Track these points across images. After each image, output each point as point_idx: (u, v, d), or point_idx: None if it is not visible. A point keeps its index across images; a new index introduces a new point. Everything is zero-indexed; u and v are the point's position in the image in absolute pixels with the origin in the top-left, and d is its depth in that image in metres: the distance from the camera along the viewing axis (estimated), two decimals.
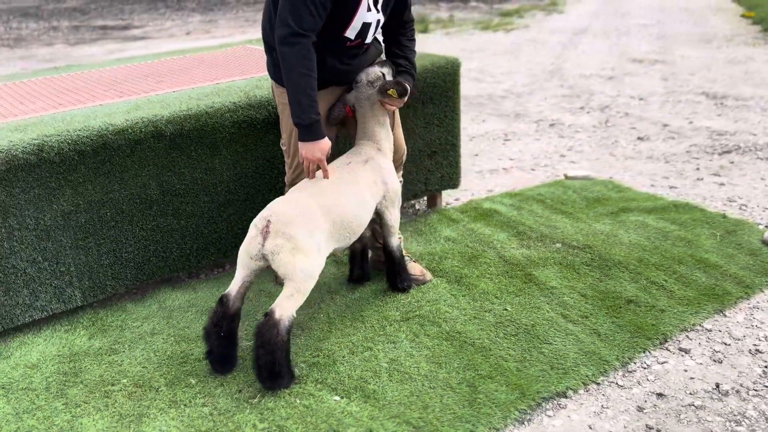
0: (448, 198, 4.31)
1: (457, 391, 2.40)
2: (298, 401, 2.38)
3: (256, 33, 11.58)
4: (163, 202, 2.99)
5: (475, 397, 2.37)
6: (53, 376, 2.55)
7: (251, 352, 2.43)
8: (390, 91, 2.76)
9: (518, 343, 2.69)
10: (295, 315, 2.41)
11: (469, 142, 5.54)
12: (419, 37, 10.69)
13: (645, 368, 2.57)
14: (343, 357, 2.62)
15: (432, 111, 3.70)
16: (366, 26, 2.63)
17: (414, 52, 2.95)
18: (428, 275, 3.18)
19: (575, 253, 3.41)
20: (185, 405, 2.38)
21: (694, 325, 2.80)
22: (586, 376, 2.49)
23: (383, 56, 3.00)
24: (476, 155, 5.20)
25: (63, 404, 2.40)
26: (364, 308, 2.96)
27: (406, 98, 2.80)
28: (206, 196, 3.08)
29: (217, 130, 3.03)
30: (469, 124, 6.03)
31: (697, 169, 4.66)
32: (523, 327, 2.79)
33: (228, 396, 2.42)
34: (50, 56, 10.77)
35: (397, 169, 3.11)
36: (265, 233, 2.41)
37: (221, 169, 3.10)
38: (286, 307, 2.39)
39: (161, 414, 2.34)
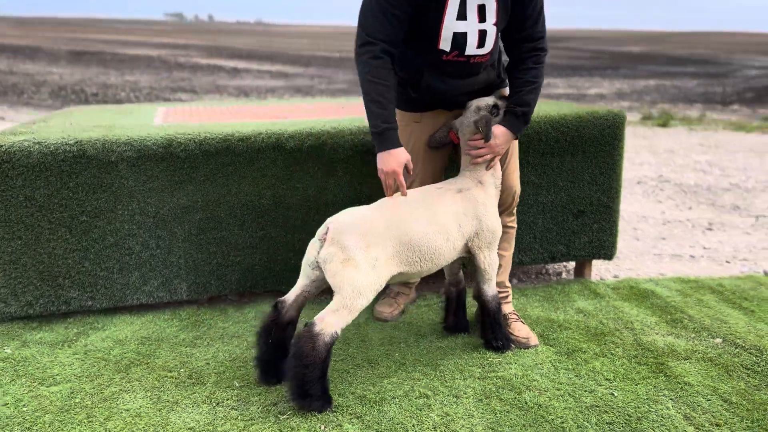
0: (605, 273, 3.76)
1: None
2: (321, 428, 2.14)
3: None
4: (275, 213, 3.03)
5: None
6: (129, 354, 2.65)
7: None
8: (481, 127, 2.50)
9: None
10: (338, 333, 2.20)
11: (659, 225, 4.84)
12: (652, 131, 9.97)
13: None
14: (394, 398, 2.32)
15: (582, 164, 3.30)
16: (460, 37, 2.37)
17: (533, 85, 2.48)
18: (533, 340, 2.74)
19: (737, 352, 2.69)
20: (218, 403, 2.28)
21: None
22: None
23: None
24: (663, 239, 4.51)
25: (120, 378, 2.46)
26: (444, 357, 2.63)
27: (488, 151, 2.51)
28: (317, 215, 3.05)
29: (336, 150, 3.02)
30: (668, 209, 5.30)
31: None
32: (625, 417, 2.23)
33: (261, 405, 2.27)
34: None
35: (505, 212, 2.77)
36: (323, 240, 2.28)
37: (335, 190, 3.07)
38: (329, 321, 2.20)
39: (193, 406, 2.27)
